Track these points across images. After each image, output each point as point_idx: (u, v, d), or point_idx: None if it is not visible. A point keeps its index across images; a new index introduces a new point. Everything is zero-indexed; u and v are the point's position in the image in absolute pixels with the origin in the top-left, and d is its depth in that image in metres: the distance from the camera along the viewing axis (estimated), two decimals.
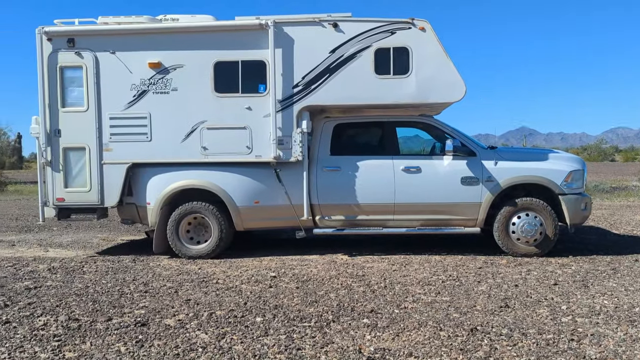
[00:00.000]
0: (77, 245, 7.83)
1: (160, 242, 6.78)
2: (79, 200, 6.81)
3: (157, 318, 4.21)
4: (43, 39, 6.59)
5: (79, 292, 5.07)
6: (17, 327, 4.02)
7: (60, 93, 6.67)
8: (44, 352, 3.51)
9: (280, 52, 6.54)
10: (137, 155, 6.73)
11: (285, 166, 6.70)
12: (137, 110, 6.69)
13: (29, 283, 5.44)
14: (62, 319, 4.20)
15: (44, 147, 6.69)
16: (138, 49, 6.64)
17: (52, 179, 6.76)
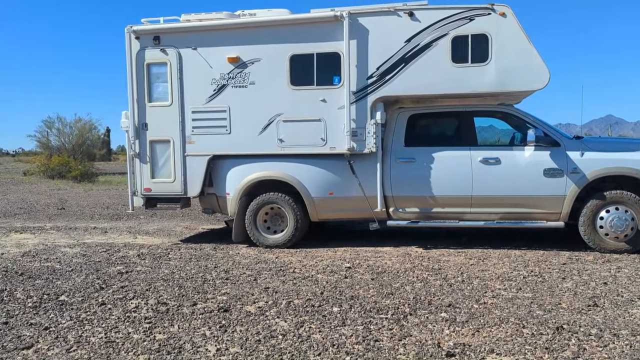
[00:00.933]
0: (163, 233, 8.28)
1: (239, 231, 7.03)
2: (164, 191, 7.20)
3: (239, 304, 4.38)
4: (131, 38, 6.99)
5: (165, 277, 5.38)
6: (111, 309, 4.34)
7: (147, 88, 7.05)
8: (137, 333, 3.77)
9: (355, 43, 6.53)
10: (217, 147, 6.99)
11: (359, 158, 6.71)
12: (217, 104, 6.95)
13: (120, 268, 5.83)
14: (152, 302, 4.48)
15: (133, 140, 7.12)
16: (218, 44, 6.88)
17: (140, 170, 7.19)
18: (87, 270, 5.69)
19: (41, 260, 6.23)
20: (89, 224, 9.39)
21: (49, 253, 6.68)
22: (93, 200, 13.62)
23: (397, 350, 3.35)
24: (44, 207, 12.18)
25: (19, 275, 5.48)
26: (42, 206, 12.30)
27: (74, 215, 10.60)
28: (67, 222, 9.58)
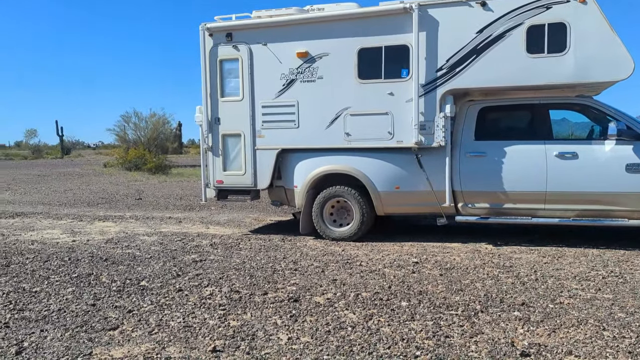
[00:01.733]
0: (233, 224, 8.57)
1: (306, 224, 7.15)
2: (235, 183, 7.44)
3: (308, 295, 4.47)
4: (205, 35, 7.25)
5: (237, 266, 5.57)
6: (188, 295, 4.56)
7: (220, 84, 7.30)
8: (212, 319, 3.94)
9: (424, 36, 6.44)
10: (285, 141, 7.14)
11: (426, 152, 6.62)
12: (286, 99, 7.08)
13: (195, 256, 6.10)
14: (225, 290, 4.67)
15: (206, 134, 7.40)
16: (287, 39, 7.00)
17: (212, 163, 7.47)
18: (164, 258, 6.00)
19: (123, 247, 6.63)
20: (164, 213, 9.87)
21: (130, 240, 7.09)
22: (167, 192, 14.28)
23: (468, 348, 3.30)
24: (122, 197, 12.91)
25: (103, 261, 5.87)
26: (121, 196, 13.05)
27: (150, 206, 11.17)
28: (145, 212, 10.12)
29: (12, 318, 3.99)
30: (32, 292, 4.66)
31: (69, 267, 5.56)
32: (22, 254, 6.24)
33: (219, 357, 3.23)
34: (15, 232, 7.88)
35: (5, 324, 3.87)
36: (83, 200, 12.21)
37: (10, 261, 5.85)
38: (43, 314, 4.09)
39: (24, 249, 6.51)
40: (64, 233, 7.76)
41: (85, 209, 10.75)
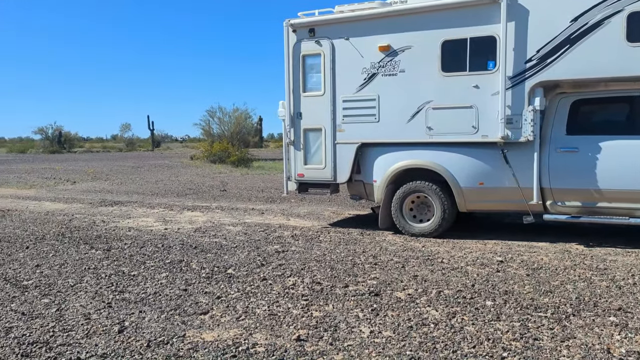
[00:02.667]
0: (312, 217, 8.72)
1: (385, 219, 7.14)
2: (315, 177, 7.57)
3: (388, 290, 4.48)
4: (289, 31, 7.41)
5: (318, 258, 5.68)
6: (272, 285, 4.72)
7: (302, 79, 7.43)
8: (296, 308, 4.06)
9: (513, 26, 6.18)
10: (365, 135, 7.15)
11: (513, 147, 6.37)
12: (366, 93, 7.08)
13: (277, 247, 6.29)
14: (307, 281, 4.78)
15: (288, 129, 7.58)
16: (369, 33, 6.99)
17: (294, 156, 7.64)
18: (249, 248, 6.23)
19: (210, 236, 6.97)
20: (248, 205, 10.23)
21: (216, 230, 7.44)
22: (249, 184, 14.78)
23: (559, 352, 3.17)
24: (208, 188, 13.53)
25: (193, 249, 6.20)
26: (207, 188, 13.68)
27: (234, 197, 11.61)
28: (229, 203, 10.54)
29: (114, 299, 4.33)
30: (130, 276, 5.03)
31: (162, 254, 5.94)
32: (121, 239, 6.74)
33: (303, 346, 3.33)
34: (114, 219, 8.51)
35: (108, 304, 4.21)
36: (173, 191, 12.92)
37: (111, 246, 6.33)
38: (141, 296, 4.40)
39: (122, 235, 7.03)
40: (157, 221, 8.28)
41: (175, 199, 11.38)
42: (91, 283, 4.77)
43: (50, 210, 9.50)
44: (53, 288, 4.62)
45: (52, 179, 16.52)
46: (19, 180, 16.26)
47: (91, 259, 5.67)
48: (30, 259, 5.69)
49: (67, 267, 5.35)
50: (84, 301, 4.27)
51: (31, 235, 6.98)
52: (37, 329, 3.65)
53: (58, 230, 7.40)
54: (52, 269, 5.28)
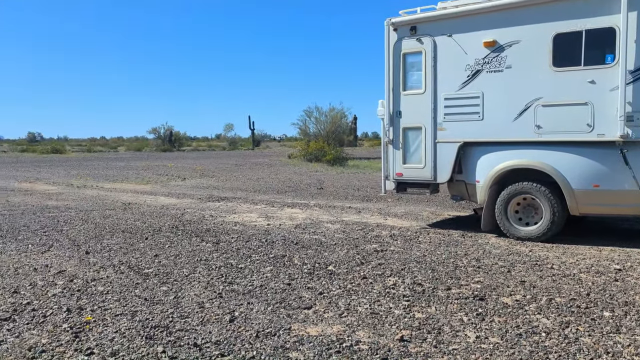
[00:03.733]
0: (410, 217, 8.63)
1: (488, 221, 6.89)
2: (414, 176, 7.48)
3: (494, 295, 4.33)
4: (390, 30, 7.38)
5: (418, 259, 5.62)
6: (372, 283, 4.74)
7: (402, 78, 7.38)
8: (397, 309, 4.05)
9: (635, 16, 5.69)
10: (468, 134, 6.94)
11: (634, 146, 5.86)
12: (470, 90, 6.87)
13: (376, 246, 6.31)
14: (408, 281, 4.75)
15: (387, 127, 7.56)
16: (473, 29, 6.77)
17: (393, 155, 7.61)
18: (347, 246, 6.32)
19: (310, 233, 7.15)
20: (344, 203, 10.35)
21: (315, 227, 7.61)
22: (345, 182, 14.93)
23: None
24: (306, 186, 13.86)
25: (294, 244, 6.40)
26: (305, 185, 14.02)
27: (331, 195, 11.80)
28: (326, 201, 10.74)
29: (224, 289, 4.60)
30: (238, 268, 5.30)
31: (266, 248, 6.19)
32: (228, 233, 7.13)
33: (407, 346, 3.32)
34: (221, 214, 9.01)
35: (219, 294, 4.48)
36: (273, 188, 13.41)
37: (219, 239, 6.72)
38: (248, 288, 4.63)
39: (229, 230, 7.43)
40: (260, 217, 8.64)
41: (275, 196, 11.80)
42: (203, 274, 5.10)
43: (165, 205, 10.27)
44: (170, 277, 5.00)
45: (165, 176, 17.82)
46: (137, 176, 17.73)
47: (202, 251, 6.05)
48: (149, 249, 6.20)
49: (181, 257, 5.76)
50: (197, 290, 4.58)
51: (149, 227, 7.59)
52: (158, 314, 3.98)
53: (172, 223, 7.99)
54: (169, 259, 5.71)
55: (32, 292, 4.58)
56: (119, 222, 8.04)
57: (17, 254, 5.98)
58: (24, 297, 4.43)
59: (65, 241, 6.67)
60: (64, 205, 10.11)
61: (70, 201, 10.86)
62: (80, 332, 3.66)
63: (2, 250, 6.16)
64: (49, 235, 7.04)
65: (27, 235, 7.09)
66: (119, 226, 7.70)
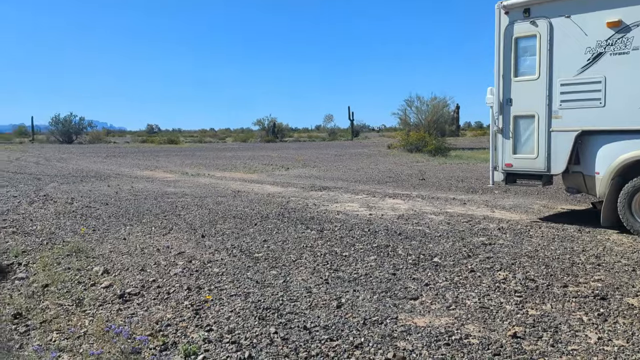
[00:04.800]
0: (519, 209, 8.22)
1: (609, 215, 6.38)
2: (525, 167, 7.10)
3: (617, 295, 4.02)
4: (501, 13, 7.04)
5: (529, 254, 5.35)
6: (481, 277, 4.60)
7: (514, 63, 7.01)
8: (509, 304, 3.90)
9: None
10: (587, 122, 6.46)
11: None
12: (590, 75, 6.38)
13: (483, 239, 6.10)
14: (520, 277, 4.55)
15: (496, 116, 7.23)
16: (595, 9, 6.26)
17: (502, 145, 7.27)
18: (453, 238, 6.17)
19: (413, 224, 7.07)
20: (448, 194, 10.09)
21: (419, 218, 7.52)
22: (447, 173, 14.54)
23: None
24: (407, 177, 13.70)
25: (397, 235, 6.38)
26: (406, 176, 13.86)
27: (433, 186, 11.56)
28: (429, 192, 10.54)
29: (330, 276, 4.71)
30: (342, 256, 5.40)
31: (369, 237, 6.24)
32: (331, 222, 7.27)
33: (520, 343, 3.19)
34: (324, 203, 9.20)
35: (325, 280, 4.60)
36: (373, 179, 13.42)
37: (323, 227, 6.88)
38: (353, 275, 4.71)
39: (332, 218, 7.57)
40: (361, 207, 8.71)
41: (376, 186, 11.80)
42: (309, 260, 5.26)
43: (271, 193, 10.69)
44: (279, 262, 5.22)
45: (270, 165, 18.53)
46: (244, 165, 18.62)
47: (307, 238, 6.23)
48: (258, 234, 6.51)
49: (288, 243, 5.98)
50: (305, 275, 4.73)
51: (258, 214, 7.96)
52: (269, 297, 4.18)
53: (278, 210, 8.30)
54: (277, 244, 5.95)
55: (157, 270, 5.01)
56: (229, 209, 8.51)
57: (143, 236, 6.56)
58: (150, 275, 4.86)
59: (183, 225, 7.19)
60: (180, 192, 10.89)
61: (186, 188, 11.68)
62: (199, 309, 3.95)
63: (130, 232, 6.79)
64: (169, 219, 7.64)
65: (150, 218, 7.74)
66: (230, 212, 8.15)
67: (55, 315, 3.93)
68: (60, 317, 3.89)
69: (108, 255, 5.60)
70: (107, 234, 6.70)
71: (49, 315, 3.93)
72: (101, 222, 7.51)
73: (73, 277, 4.81)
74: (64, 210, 8.54)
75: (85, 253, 5.69)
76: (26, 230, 6.93)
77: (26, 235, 6.59)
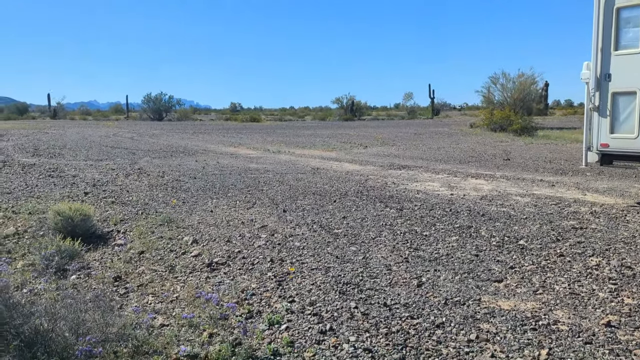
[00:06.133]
0: (615, 193, 7.68)
1: None
2: (624, 147, 6.63)
3: None
4: None
5: (625, 240, 5.01)
6: (571, 262, 4.38)
7: (614, 35, 6.50)
8: (602, 291, 3.70)
9: None
10: None
11: None
12: None
13: (574, 223, 5.78)
14: (614, 263, 4.28)
15: (593, 93, 6.77)
16: None
17: (598, 124, 6.81)
18: (540, 221, 5.90)
19: (497, 205, 6.84)
20: (535, 176, 9.62)
21: (503, 199, 7.25)
22: (534, 154, 13.83)
23: None
24: (490, 157, 13.20)
25: (480, 216, 6.19)
26: (489, 156, 13.35)
27: (519, 167, 11.06)
28: (514, 173, 10.10)
29: (410, 255, 4.69)
30: (423, 235, 5.34)
31: (450, 218, 6.11)
32: (411, 201, 7.19)
33: (615, 333, 3.03)
34: (403, 181, 9.10)
35: (405, 258, 4.58)
36: (454, 158, 13.05)
37: (403, 206, 6.82)
38: (434, 255, 4.65)
39: (411, 197, 7.48)
40: (442, 186, 8.52)
41: (458, 165, 11.48)
42: (389, 238, 5.26)
43: (349, 171, 10.73)
44: (358, 238, 5.26)
45: (348, 143, 18.56)
46: (323, 143, 18.78)
47: (386, 217, 6.22)
48: (337, 211, 6.58)
49: (367, 221, 6.00)
50: (384, 253, 4.74)
51: (336, 191, 8.03)
52: (349, 272, 4.23)
53: (357, 188, 8.33)
54: (356, 221, 5.99)
55: (241, 242, 5.23)
56: (309, 185, 8.65)
57: (228, 209, 6.85)
58: (235, 246, 5.08)
59: (265, 200, 7.42)
60: (262, 168, 11.22)
61: (268, 164, 12.00)
62: (282, 281, 4.09)
63: (217, 205, 7.11)
64: (252, 194, 7.91)
65: (234, 193, 8.06)
66: (310, 189, 8.30)
67: (150, 280, 4.23)
68: (155, 281, 4.18)
69: (196, 226, 5.91)
70: (196, 206, 7.06)
71: (145, 279, 4.24)
72: (190, 195, 7.92)
73: (165, 246, 5.14)
74: (157, 183, 9.09)
75: (176, 223, 6.05)
76: (123, 200, 7.47)
77: (123, 205, 7.10)
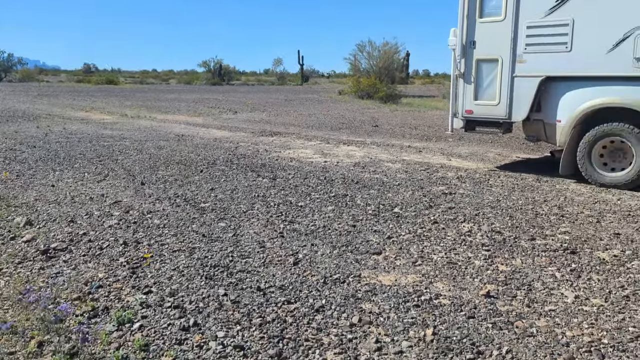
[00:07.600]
0: (475, 158, 8.05)
1: (568, 165, 6.27)
2: (486, 114, 6.85)
3: (587, 248, 3.85)
4: None
5: (492, 204, 5.14)
6: (445, 229, 4.33)
7: (479, 3, 6.60)
8: (477, 259, 3.65)
9: None
10: (552, 67, 6.20)
11: None
12: (558, 17, 6.06)
13: (443, 188, 5.85)
14: (485, 229, 4.31)
15: (459, 59, 6.87)
16: None
17: (463, 91, 6.95)
18: (412, 187, 5.89)
19: (370, 172, 6.74)
20: (403, 142, 9.82)
21: (375, 166, 7.19)
22: (400, 120, 14.27)
23: None
24: (360, 123, 13.32)
25: (355, 183, 6.02)
26: (359, 123, 13.48)
27: (387, 133, 11.26)
28: (383, 139, 10.22)
29: (285, 229, 4.31)
30: (298, 206, 4.99)
31: (325, 186, 5.85)
32: (284, 169, 6.81)
33: (495, 304, 2.94)
34: (276, 149, 8.70)
35: (280, 233, 4.19)
36: (326, 125, 12.95)
37: (276, 175, 6.42)
38: (310, 228, 4.32)
39: (285, 165, 7.11)
40: (315, 153, 8.28)
41: (330, 132, 11.37)
42: (262, 210, 4.83)
43: (218, 137, 10.05)
44: (227, 212, 4.75)
45: (217, 109, 17.64)
46: (189, 108, 17.63)
47: (259, 187, 5.78)
48: (204, 182, 5.98)
49: (238, 192, 5.51)
50: (257, 228, 4.31)
51: (204, 160, 7.38)
52: (217, 253, 3.74)
53: (226, 156, 7.75)
54: (225, 193, 5.47)
55: (89, 222, 4.45)
56: (173, 154, 7.87)
57: (74, 182, 5.90)
58: (80, 227, 4.29)
59: (120, 171, 6.55)
60: (118, 135, 10.06)
61: (125, 131, 10.82)
62: (137, 267, 3.48)
63: (60, 178, 6.09)
64: (105, 165, 6.95)
65: (83, 163, 7.02)
66: (173, 158, 7.53)
67: None
68: None
69: (33, 204, 4.95)
70: (33, 179, 5.98)
71: None
72: (27, 166, 6.73)
73: None
74: None
75: (6, 201, 5.03)
76: None
77: None
